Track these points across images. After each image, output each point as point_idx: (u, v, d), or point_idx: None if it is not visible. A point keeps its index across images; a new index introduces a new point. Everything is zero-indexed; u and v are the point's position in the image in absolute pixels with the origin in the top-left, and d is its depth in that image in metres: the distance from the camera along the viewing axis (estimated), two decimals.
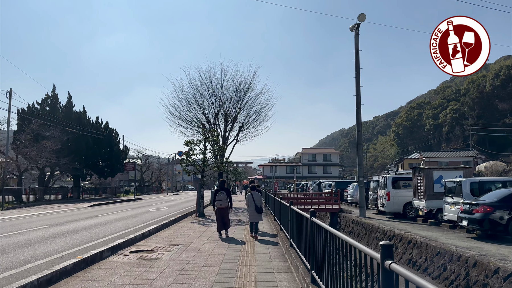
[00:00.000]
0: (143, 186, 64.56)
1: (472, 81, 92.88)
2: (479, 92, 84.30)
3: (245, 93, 27.72)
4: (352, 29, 20.62)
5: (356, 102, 20.03)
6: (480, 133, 77.17)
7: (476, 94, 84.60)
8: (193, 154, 18.28)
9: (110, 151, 45.06)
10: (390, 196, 18.77)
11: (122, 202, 35.39)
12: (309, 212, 5.46)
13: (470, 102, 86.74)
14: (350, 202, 28.19)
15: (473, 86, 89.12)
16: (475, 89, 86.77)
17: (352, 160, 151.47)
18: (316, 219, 5.28)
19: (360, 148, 20.01)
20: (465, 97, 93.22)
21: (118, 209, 24.90)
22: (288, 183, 79.49)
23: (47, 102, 41.59)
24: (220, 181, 12.75)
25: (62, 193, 40.82)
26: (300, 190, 50.43)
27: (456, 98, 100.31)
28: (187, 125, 27.55)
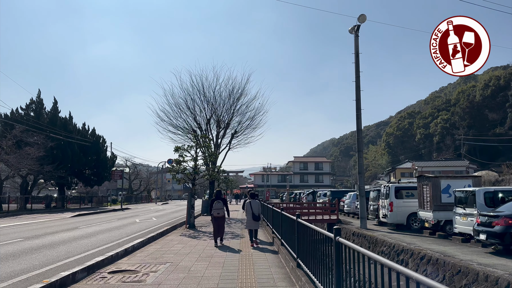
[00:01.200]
0: (131, 195, 62.83)
1: (462, 91, 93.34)
2: (469, 102, 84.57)
3: (239, 98, 26.65)
4: (351, 31, 19.68)
5: (356, 107, 19.01)
6: (471, 142, 77.15)
7: (466, 104, 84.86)
8: (184, 161, 17.03)
9: (96, 158, 43.46)
10: (393, 206, 17.67)
11: (108, 212, 33.81)
12: (333, 230, 4.29)
13: (460, 112, 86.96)
14: (347, 212, 27.06)
15: (463, 96, 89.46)
16: (465, 99, 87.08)
17: (343, 169, 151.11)
18: (344, 240, 4.12)
19: (361, 155, 18.94)
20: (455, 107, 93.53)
21: (103, 219, 23.44)
22: (280, 192, 78.27)
23: (32, 107, 39.99)
24: (217, 190, 13.08)
25: (46, 202, 39.10)
26: (293, 199, 49.22)
27: (447, 108, 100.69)
28: (177, 131, 26.37)
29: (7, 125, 35.19)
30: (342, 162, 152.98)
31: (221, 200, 12.14)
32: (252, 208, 11.73)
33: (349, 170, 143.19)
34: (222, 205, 11.95)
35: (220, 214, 11.81)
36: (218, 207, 11.85)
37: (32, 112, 39.45)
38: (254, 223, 11.75)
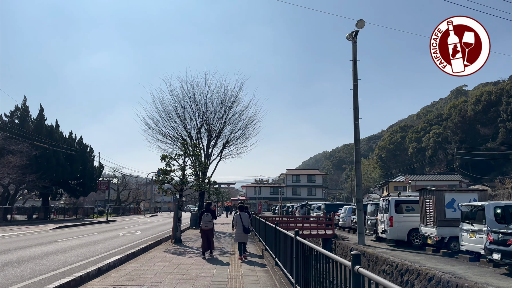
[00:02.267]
0: (119, 207, 61.13)
1: (454, 106, 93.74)
2: (461, 117, 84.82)
3: (231, 107, 25.65)
4: (349, 37, 18.88)
5: (354, 116, 18.12)
6: (463, 157, 77.05)
7: (458, 119, 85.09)
8: (171, 170, 15.90)
9: (83, 168, 41.97)
10: (393, 221, 16.64)
11: (92, 224, 32.34)
12: (351, 257, 3.23)
13: (452, 127, 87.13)
14: (342, 226, 25.98)
15: (455, 111, 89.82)
16: (457, 113, 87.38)
17: (336, 182, 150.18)
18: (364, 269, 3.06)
19: (358, 167, 17.97)
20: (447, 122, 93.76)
21: (85, 232, 22.08)
22: (272, 204, 76.97)
23: (16, 114, 38.62)
24: (206, 203, 13.06)
25: (28, 213, 37.53)
26: (285, 212, 48.00)
27: (439, 122, 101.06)
28: (166, 140, 25.25)
29: None
30: (334, 175, 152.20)
31: (210, 212, 12.16)
32: (242, 221, 11.56)
33: (342, 183, 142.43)
34: (210, 217, 11.98)
35: (208, 226, 11.84)
36: (206, 219, 11.88)
37: (16, 120, 38.10)
38: (244, 236, 11.58)
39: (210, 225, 11.88)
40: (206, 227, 11.84)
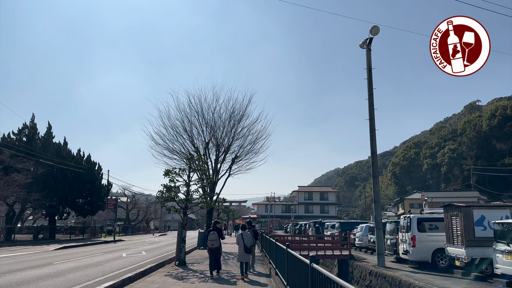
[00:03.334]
0: (128, 226, 60.14)
1: (468, 121, 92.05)
2: (476, 132, 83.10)
3: (240, 121, 24.69)
4: (363, 45, 17.91)
5: (370, 128, 16.97)
6: (480, 172, 74.95)
7: (473, 134, 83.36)
8: (175, 187, 14.86)
9: (91, 186, 41.19)
10: (416, 241, 15.27)
11: (98, 244, 31.32)
12: None
13: (468, 142, 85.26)
14: (358, 246, 24.50)
15: (470, 126, 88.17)
16: (471, 129, 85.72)
17: (349, 199, 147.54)
18: None
19: (376, 181, 16.71)
20: (462, 137, 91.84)
21: (87, 253, 21.03)
22: (284, 223, 75.28)
23: (24, 132, 38.25)
24: (214, 221, 13.11)
25: (34, 233, 36.70)
26: (298, 231, 46.44)
27: (453, 138, 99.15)
28: (173, 156, 24.31)
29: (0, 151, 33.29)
30: (347, 192, 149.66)
31: (217, 230, 12.17)
32: (244, 240, 11.42)
33: (355, 201, 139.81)
34: (216, 236, 11.99)
35: (214, 245, 11.85)
36: (213, 238, 11.92)
37: (24, 137, 37.70)
38: (246, 255, 11.48)
39: (216, 244, 11.87)
40: (213, 246, 11.85)
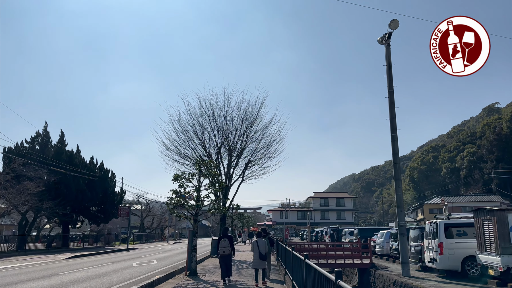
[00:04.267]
0: (142, 234, 59.67)
1: (488, 123, 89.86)
2: (496, 134, 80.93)
3: (252, 124, 23.87)
4: (381, 41, 16.97)
5: (390, 128, 15.96)
6: (501, 176, 72.67)
7: (493, 137, 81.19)
8: (185, 192, 14.09)
9: (104, 194, 40.81)
10: (444, 248, 14.15)
11: (111, 252, 30.75)
12: None
13: (487, 145, 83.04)
14: (379, 254, 23.30)
15: (489, 128, 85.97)
16: (491, 131, 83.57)
17: (365, 205, 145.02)
18: None
19: (399, 185, 15.66)
20: (481, 140, 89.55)
21: (97, 262, 20.38)
22: (300, 229, 73.93)
23: (37, 140, 38.19)
24: (224, 228, 13.28)
25: (47, 241, 36.36)
26: (314, 238, 45.20)
27: (472, 141, 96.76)
28: (184, 161, 23.59)
29: (11, 159, 33.17)
30: (364, 198, 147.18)
31: (228, 238, 12.11)
32: (259, 247, 11.40)
33: (372, 207, 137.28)
34: (228, 243, 11.94)
35: (225, 252, 11.86)
36: (224, 245, 11.92)
37: (37, 145, 37.62)
38: (260, 262, 11.42)
39: (227, 251, 11.86)
40: (224, 253, 11.86)
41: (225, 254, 11.86)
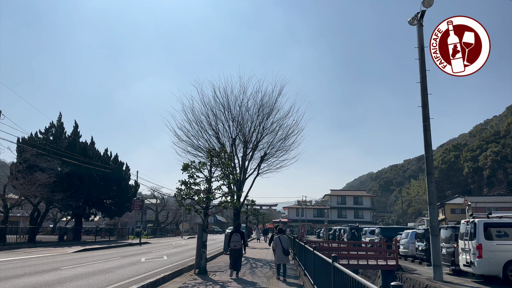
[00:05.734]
0: (156, 228, 59.08)
1: None
2: None
3: (269, 114, 22.55)
4: (413, 21, 15.38)
5: (423, 116, 14.42)
6: None
7: None
8: (195, 183, 12.90)
9: (117, 187, 40.11)
10: (483, 250, 12.61)
11: (122, 246, 29.94)
12: None
13: None
14: (403, 255, 21.74)
15: None
16: None
17: (384, 204, 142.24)
18: None
19: (431, 179, 14.13)
20: (506, 139, 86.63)
21: (104, 257, 19.42)
22: (316, 227, 72.37)
23: (51, 131, 37.61)
24: (236, 224, 13.74)
25: (59, 234, 35.83)
26: (332, 236, 43.67)
27: (496, 140, 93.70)
28: (197, 153, 22.46)
29: (23, 150, 32.67)
30: (382, 197, 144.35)
31: (239, 233, 12.38)
32: (282, 243, 11.90)
33: (390, 206, 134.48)
34: (239, 238, 12.22)
35: (236, 246, 12.15)
36: (235, 239, 12.20)
37: (51, 136, 37.07)
38: (284, 257, 11.89)
39: (238, 245, 12.13)
40: (235, 247, 12.14)
41: (235, 248, 12.13)
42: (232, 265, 12.27)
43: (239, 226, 13.23)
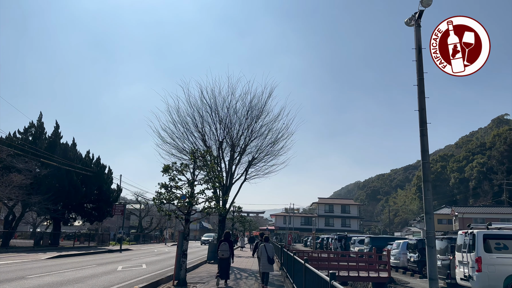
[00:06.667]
0: (139, 234, 57.49)
1: (498, 134, 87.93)
2: (507, 145, 79.05)
3: (258, 117, 21.66)
4: (410, 21, 14.62)
5: (419, 120, 13.58)
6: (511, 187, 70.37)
7: (504, 148, 79.40)
8: (177, 187, 11.90)
9: (99, 191, 38.67)
10: (483, 264, 11.84)
11: (101, 253, 28.58)
12: None
13: (498, 156, 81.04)
14: (394, 266, 20.95)
15: (499, 139, 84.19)
16: (501, 142, 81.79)
17: (370, 213, 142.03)
18: None
19: (428, 187, 13.29)
20: (491, 151, 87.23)
21: (79, 264, 18.17)
22: (303, 235, 71.47)
23: (31, 131, 36.12)
24: (226, 232, 13.26)
25: (36, 238, 34.22)
26: (319, 245, 42.76)
27: (482, 151, 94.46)
28: (182, 156, 21.42)
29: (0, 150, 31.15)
30: (369, 206, 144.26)
31: (228, 242, 12.31)
32: (267, 251, 11.89)
33: (377, 215, 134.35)
34: (227, 247, 12.17)
35: (224, 255, 12.09)
36: (224, 248, 12.14)
37: (30, 137, 35.58)
38: (269, 266, 11.89)
39: (226, 254, 12.07)
40: (223, 256, 12.07)
41: (224, 257, 12.08)
42: (220, 274, 12.21)
43: (228, 235, 12.91)
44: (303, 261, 7.69)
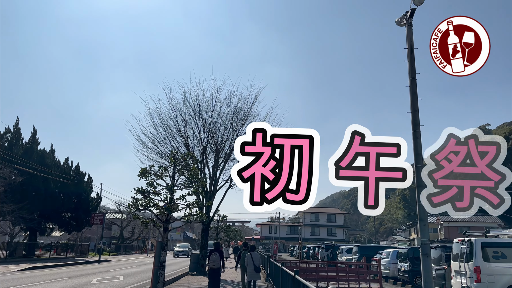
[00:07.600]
0: (120, 245, 55.77)
1: None
2: None
3: (244, 122, 20.87)
4: (401, 21, 14.08)
5: (412, 123, 12.94)
6: None
7: None
8: (155, 192, 10.99)
9: (78, 200, 37.22)
10: (482, 274, 11.17)
11: (78, 264, 27.22)
12: None
13: None
14: (384, 276, 20.20)
15: None
16: None
17: (356, 222, 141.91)
18: None
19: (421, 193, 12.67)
20: None
21: (51, 277, 16.97)
22: (289, 245, 70.47)
23: (7, 137, 34.63)
24: (215, 242, 13.48)
25: (9, 249, 32.56)
26: (306, 255, 41.85)
27: None
28: (163, 161, 20.40)
29: None
30: (354, 215, 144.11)
31: (218, 252, 12.32)
32: (253, 260, 12.01)
33: (362, 224, 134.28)
34: (218, 257, 12.16)
35: (215, 266, 12.08)
36: (214, 259, 12.11)
37: (6, 143, 34.08)
38: (255, 274, 12.02)
39: (217, 265, 12.09)
40: (214, 266, 12.06)
41: (214, 268, 12.08)
42: (210, 285, 12.18)
43: (218, 245, 13.04)
44: (293, 273, 6.85)
